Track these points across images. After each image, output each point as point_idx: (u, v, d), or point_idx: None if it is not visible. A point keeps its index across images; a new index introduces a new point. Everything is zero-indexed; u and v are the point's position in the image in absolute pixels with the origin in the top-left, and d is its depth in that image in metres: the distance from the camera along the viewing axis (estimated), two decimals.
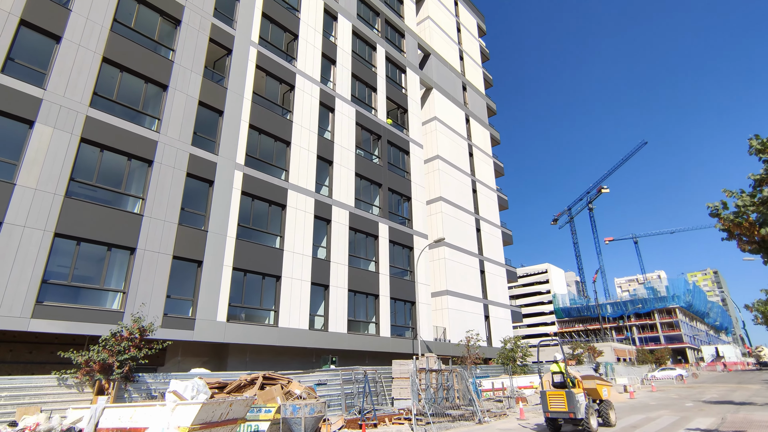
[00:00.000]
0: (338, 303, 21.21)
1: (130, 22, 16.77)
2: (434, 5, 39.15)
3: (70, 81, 14.34)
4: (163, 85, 16.95)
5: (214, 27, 19.35)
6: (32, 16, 13.94)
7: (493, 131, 43.25)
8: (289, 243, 19.82)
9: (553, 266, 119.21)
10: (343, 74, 26.00)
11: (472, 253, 33.23)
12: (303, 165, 21.64)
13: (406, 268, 26.40)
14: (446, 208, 31.92)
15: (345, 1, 27.97)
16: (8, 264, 11.99)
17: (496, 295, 34.93)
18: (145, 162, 15.82)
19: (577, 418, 10.85)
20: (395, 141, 28.53)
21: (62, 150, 13.70)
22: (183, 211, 16.51)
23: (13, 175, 12.75)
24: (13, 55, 13.49)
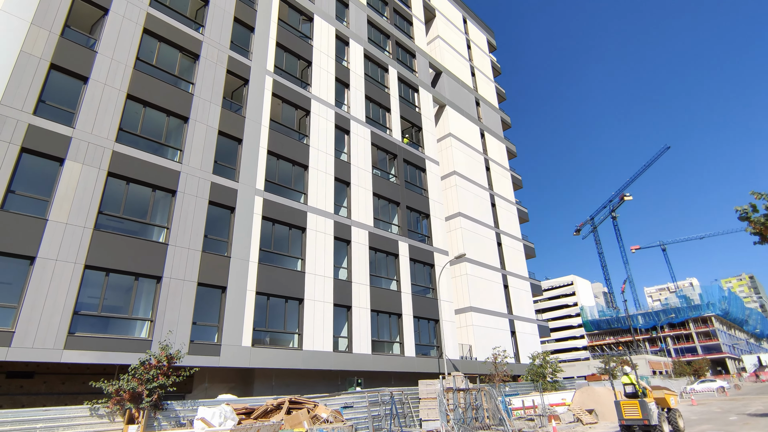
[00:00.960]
0: (361, 324, 21.12)
1: (152, 59, 17.52)
2: (443, 24, 39.75)
3: (97, 118, 14.99)
4: (184, 118, 17.55)
5: (230, 59, 20.03)
6: (61, 60, 14.71)
7: (508, 144, 43.12)
8: (311, 265, 19.95)
9: (579, 278, 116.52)
10: (357, 97, 26.47)
11: (494, 268, 32.81)
12: (321, 187, 21.92)
13: (428, 285, 26.20)
14: (465, 223, 31.73)
15: (356, 26, 28.67)
16: (42, 297, 12.39)
17: (521, 309, 34.25)
18: (168, 192, 16.29)
19: (651, 425, 12.10)
20: (411, 159, 28.70)
21: (91, 185, 14.23)
22: (206, 239, 16.85)
23: (45, 212, 13.28)
24: (45, 98, 14.20)
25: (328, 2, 27.16)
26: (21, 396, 13.36)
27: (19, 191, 13.09)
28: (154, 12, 17.88)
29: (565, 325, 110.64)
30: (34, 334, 12.04)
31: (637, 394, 12.91)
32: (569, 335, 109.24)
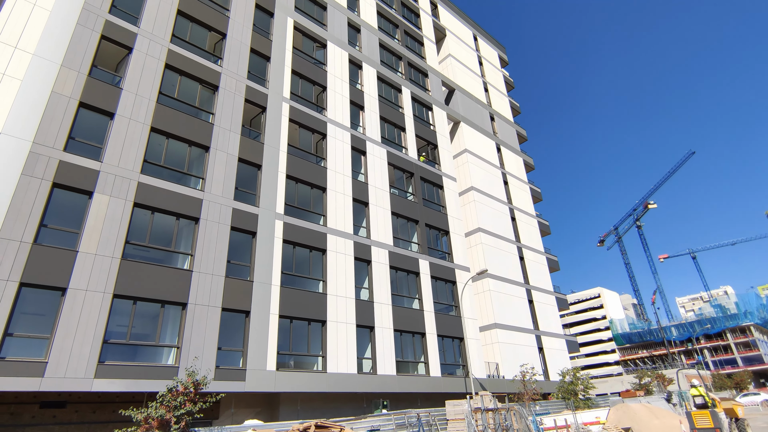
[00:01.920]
0: (385, 344, 20.95)
1: (174, 92, 18.20)
2: (454, 43, 40.25)
3: (123, 151, 15.58)
4: (205, 147, 18.08)
5: (248, 88, 20.65)
6: (89, 98, 15.42)
7: (525, 157, 42.87)
8: (332, 287, 20.00)
9: (606, 290, 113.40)
10: (372, 118, 26.84)
11: (517, 283, 32.26)
12: (340, 209, 22.12)
13: (450, 303, 25.89)
14: (486, 238, 31.44)
15: (368, 49, 29.28)
16: (73, 327, 12.73)
17: (548, 324, 33.45)
18: (192, 220, 16.68)
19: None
20: (428, 177, 28.77)
21: (118, 216, 14.70)
22: (229, 264, 17.12)
23: (76, 243, 13.74)
24: (74, 134, 14.86)
25: (340, 28, 27.88)
26: (54, 426, 13.61)
27: (51, 225, 13.60)
28: (174, 48, 18.65)
29: (594, 339, 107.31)
30: (66, 364, 12.33)
31: (706, 405, 13.73)
32: (599, 350, 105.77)
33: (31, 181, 13.35)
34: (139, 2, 18.53)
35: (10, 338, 12.02)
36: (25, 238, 12.76)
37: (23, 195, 13.08)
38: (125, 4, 18.09)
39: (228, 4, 22.04)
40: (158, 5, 18.89)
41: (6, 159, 13.09)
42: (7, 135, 13.31)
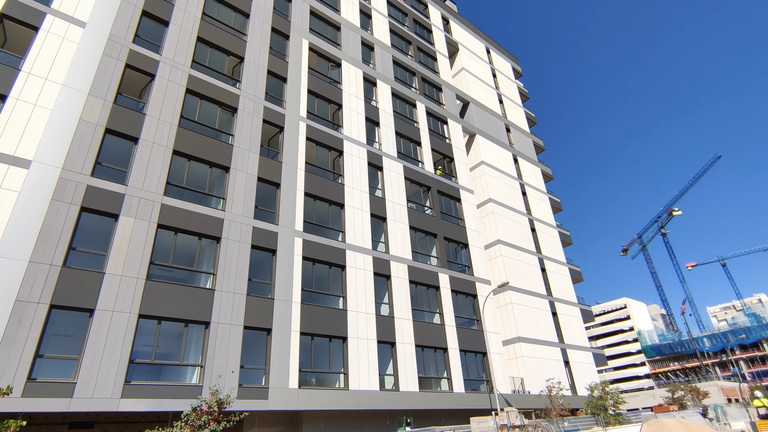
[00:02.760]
0: (406, 360, 20.72)
1: (194, 116, 18.73)
2: (467, 57, 40.49)
3: (146, 174, 16.03)
4: (225, 168, 18.48)
5: (266, 109, 21.11)
6: (115, 124, 15.99)
7: (543, 167, 42.47)
8: (352, 303, 19.98)
9: (633, 300, 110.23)
10: (387, 134, 27.06)
11: (540, 295, 31.67)
12: (358, 224, 22.21)
13: (472, 317, 25.54)
14: (506, 250, 31.06)
15: (382, 66, 29.68)
16: (100, 348, 12.98)
17: (573, 337, 32.63)
18: (213, 239, 16.97)
19: None
20: (445, 190, 28.72)
21: (142, 237, 15.06)
22: (250, 282, 17.29)
23: (102, 265, 14.11)
24: (101, 159, 15.38)
25: (354, 47, 28.38)
26: None
27: (80, 248, 14.01)
28: (195, 73, 19.25)
29: (622, 352, 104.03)
30: (94, 384, 12.55)
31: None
32: (628, 363, 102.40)
33: (61, 206, 13.82)
34: (160, 31, 19.26)
35: (40, 359, 12.33)
36: (54, 261, 13.16)
37: (53, 219, 13.54)
38: (148, 33, 18.83)
39: (245, 28, 22.72)
40: (179, 33, 19.59)
41: (37, 185, 13.61)
42: (39, 162, 13.86)
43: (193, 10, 20.70)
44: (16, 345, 11.88)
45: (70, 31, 16.33)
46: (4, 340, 11.73)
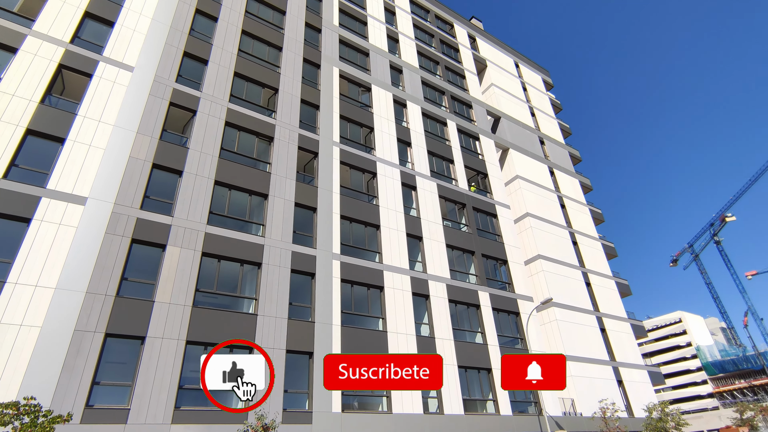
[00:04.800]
0: (449, 381, 20.26)
1: (234, 147, 19.55)
2: (496, 72, 40.45)
3: (191, 205, 16.78)
4: (264, 195, 19.08)
5: (301, 136, 21.77)
6: (161, 159, 16.92)
7: (581, 178, 41.32)
8: (392, 324, 19.86)
9: (688, 314, 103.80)
10: (420, 153, 27.21)
11: (586, 311, 30.40)
12: (394, 245, 22.24)
13: (515, 335, 24.78)
14: (547, 265, 30.16)
15: (411, 88, 30.09)
16: (151, 374, 13.46)
17: (625, 355, 30.98)
18: (255, 265, 17.42)
19: None
20: (480, 206, 28.40)
21: (188, 265, 15.67)
22: (291, 306, 17.55)
23: (152, 294, 14.74)
24: (149, 193, 16.26)
25: (383, 72, 28.98)
26: None
27: (131, 278, 14.72)
28: (233, 106, 20.18)
29: (680, 369, 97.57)
30: (146, 410, 12.97)
31: None
32: (688, 381, 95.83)
33: (114, 239, 14.63)
34: (200, 69, 20.39)
35: (97, 386, 12.90)
36: (109, 292, 13.87)
37: (107, 252, 14.34)
38: (189, 72, 19.98)
39: (278, 61, 23.71)
40: (217, 70, 20.68)
41: (92, 220, 14.51)
42: (94, 199, 14.80)
43: (230, 48, 21.84)
44: (75, 373, 12.50)
45: (119, 76, 17.57)
46: (64, 369, 12.37)
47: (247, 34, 23.38)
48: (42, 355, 12.28)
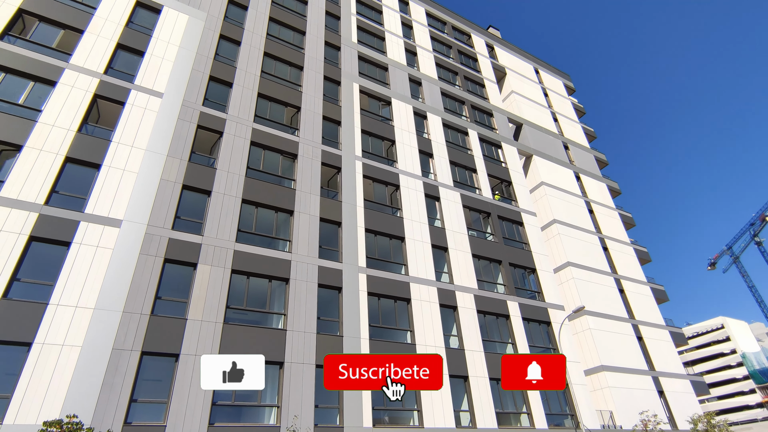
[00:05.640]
0: (481, 394, 19.88)
1: (259, 165, 20.02)
2: (515, 80, 40.23)
3: (219, 224, 17.21)
4: (289, 211, 19.40)
5: (324, 152, 22.12)
6: (190, 180, 17.47)
7: (609, 182, 40.37)
8: (420, 336, 19.70)
9: (731, 319, 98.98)
10: (442, 164, 27.19)
11: (620, 319, 29.43)
12: (420, 256, 22.17)
13: (547, 346, 24.17)
14: (577, 272, 29.43)
15: (430, 99, 30.23)
16: (186, 391, 13.72)
17: (665, 363, 29.73)
18: (283, 281, 17.66)
19: None
20: (506, 215, 28.07)
21: (218, 283, 16.01)
22: (319, 320, 17.67)
23: (185, 312, 15.11)
24: (180, 214, 16.77)
25: (402, 85, 29.25)
26: None
27: (165, 297, 15.15)
28: (257, 126, 20.72)
29: (726, 378, 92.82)
30: (182, 427, 13.20)
31: None
32: (734, 390, 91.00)
33: (147, 259, 15.12)
34: (226, 92, 21.07)
35: (135, 404, 13.23)
36: (144, 311, 14.30)
37: (141, 272, 14.82)
38: (215, 95, 20.67)
39: (300, 80, 24.27)
40: (241, 92, 21.32)
41: (128, 242, 15.05)
42: (128, 221, 15.37)
43: (253, 70, 22.51)
44: (114, 390, 12.87)
45: (150, 102, 18.33)
46: (103, 387, 12.76)
47: (269, 56, 24.07)
48: (83, 373, 12.72)
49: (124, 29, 19.87)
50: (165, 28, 21.06)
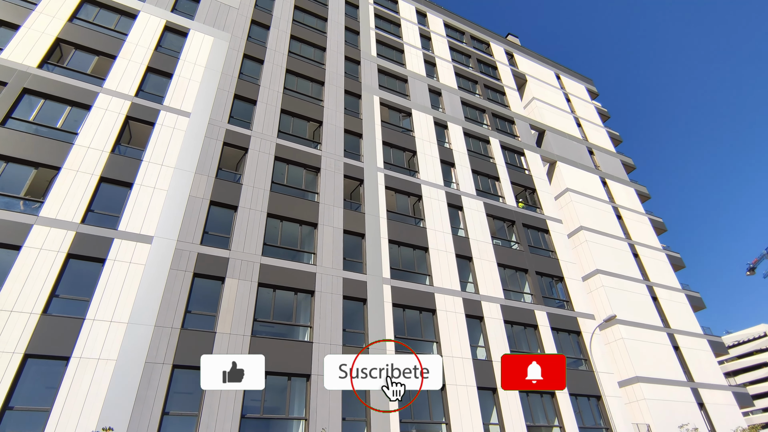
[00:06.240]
0: (511, 407, 19.44)
1: (283, 180, 20.38)
2: (536, 86, 39.88)
3: (246, 238, 17.54)
4: (313, 224, 19.63)
5: (346, 165, 22.36)
6: (217, 196, 17.92)
7: (637, 186, 39.32)
8: (446, 348, 19.49)
9: None
10: (464, 173, 27.08)
11: (655, 327, 28.41)
12: (444, 267, 22.02)
13: (578, 356, 23.52)
14: (607, 280, 28.64)
15: (451, 109, 30.24)
16: (215, 404, 13.91)
17: (704, 374, 28.47)
18: (308, 293, 17.82)
19: None
20: (530, 222, 27.65)
21: (245, 296, 16.28)
22: (345, 332, 17.70)
23: (213, 325, 15.39)
24: (207, 229, 17.20)
25: (422, 95, 29.39)
26: None
27: (194, 310, 15.48)
28: (281, 141, 21.15)
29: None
30: None
31: None
32: None
33: (177, 274, 15.52)
34: (250, 109, 21.62)
35: (167, 416, 13.50)
36: (174, 325, 14.64)
37: (172, 286, 15.22)
38: (240, 113, 21.24)
39: (321, 95, 24.70)
40: (265, 108, 21.84)
41: (158, 257, 15.50)
42: (159, 237, 15.85)
43: (276, 87, 23.06)
44: (147, 403, 13.17)
45: (178, 122, 18.97)
46: (137, 400, 13.08)
47: (291, 73, 24.62)
48: (117, 387, 13.07)
49: (154, 53, 20.71)
50: (191, 50, 21.85)
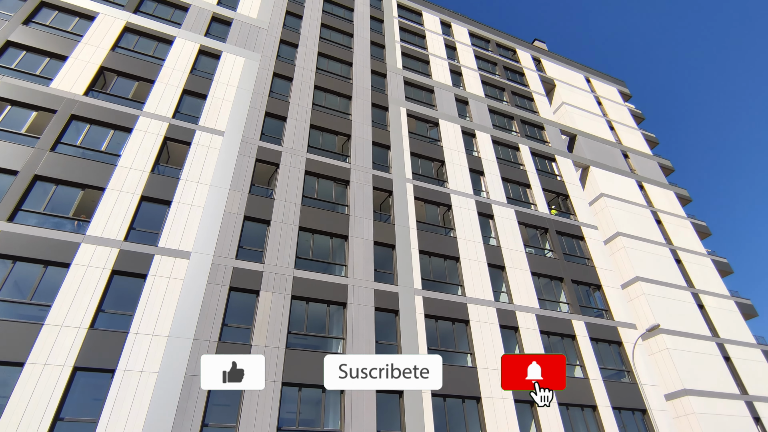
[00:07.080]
0: (551, 421, 18.83)
1: (314, 193, 20.74)
2: (566, 91, 39.20)
3: (279, 251, 17.90)
4: (344, 236, 19.83)
5: (375, 177, 22.55)
6: (251, 211, 18.42)
7: (677, 189, 37.80)
8: (481, 359, 19.14)
9: None
10: (494, 181, 26.79)
11: (702, 337, 27.01)
12: (476, 276, 21.74)
13: (620, 368, 22.59)
14: (648, 288, 27.52)
15: (478, 117, 30.09)
16: (252, 416, 14.14)
17: (758, 386, 26.77)
18: (340, 305, 17.95)
19: None
20: (564, 230, 26.98)
21: (279, 309, 16.56)
22: (377, 344, 17.68)
23: (249, 338, 15.71)
24: (242, 243, 17.66)
25: (449, 105, 29.40)
26: None
27: (231, 323, 15.86)
28: (311, 156, 21.58)
29: None
30: None
31: None
32: None
33: (214, 288, 15.97)
34: (280, 126, 22.21)
35: (206, 428, 13.80)
36: (212, 338, 15.03)
37: (209, 300, 15.66)
38: (271, 129, 21.85)
39: (349, 109, 25.10)
40: (295, 124, 22.38)
41: (196, 272, 16.01)
42: (196, 252, 16.39)
43: (305, 103, 23.61)
44: (187, 415, 13.52)
45: (213, 141, 19.68)
46: (178, 412, 13.45)
47: (319, 89, 25.17)
48: (159, 399, 13.49)
49: (189, 76, 21.64)
50: (224, 71, 22.70)
